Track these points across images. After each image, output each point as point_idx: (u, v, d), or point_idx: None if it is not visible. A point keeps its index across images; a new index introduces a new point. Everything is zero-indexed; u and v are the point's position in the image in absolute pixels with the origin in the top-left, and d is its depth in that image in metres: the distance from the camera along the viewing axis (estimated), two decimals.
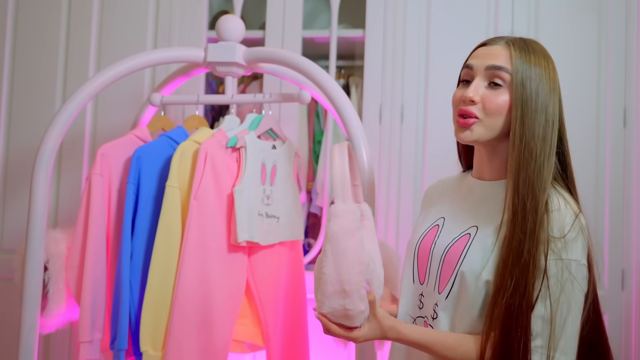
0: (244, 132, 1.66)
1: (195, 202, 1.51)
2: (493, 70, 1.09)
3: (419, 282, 1.17)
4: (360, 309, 1.02)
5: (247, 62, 1.74)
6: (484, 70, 1.10)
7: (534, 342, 1.00)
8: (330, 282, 1.02)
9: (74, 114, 1.62)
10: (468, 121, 1.09)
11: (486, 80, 1.10)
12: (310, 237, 2.46)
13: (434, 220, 1.21)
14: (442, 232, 1.16)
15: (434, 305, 1.13)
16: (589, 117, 2.04)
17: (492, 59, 1.10)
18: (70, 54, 2.27)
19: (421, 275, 1.17)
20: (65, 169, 2.24)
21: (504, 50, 1.10)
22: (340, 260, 1.02)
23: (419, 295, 1.17)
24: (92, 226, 1.57)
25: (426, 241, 1.18)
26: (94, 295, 1.57)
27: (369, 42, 2.15)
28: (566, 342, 1.00)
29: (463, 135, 1.10)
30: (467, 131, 1.10)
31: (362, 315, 1.03)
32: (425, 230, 1.21)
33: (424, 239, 1.19)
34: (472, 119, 1.09)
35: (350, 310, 1.02)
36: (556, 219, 1.04)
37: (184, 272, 1.50)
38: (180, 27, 2.22)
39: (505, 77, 1.08)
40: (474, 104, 1.09)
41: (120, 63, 1.66)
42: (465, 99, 1.09)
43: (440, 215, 1.20)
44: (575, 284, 1.01)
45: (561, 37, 2.08)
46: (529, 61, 1.08)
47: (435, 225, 1.19)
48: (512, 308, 0.99)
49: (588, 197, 2.02)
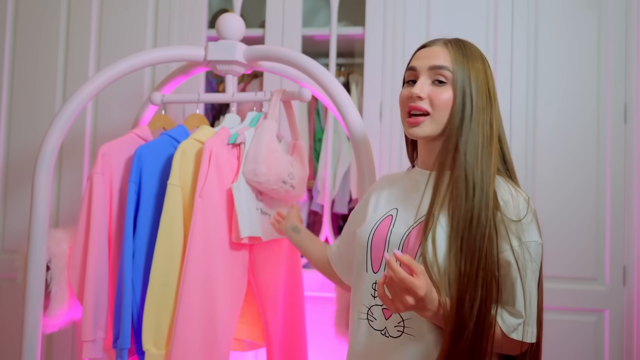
0: (245, 129, 1.66)
1: (200, 200, 1.51)
2: (435, 69, 1.17)
3: (372, 270, 1.19)
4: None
5: (247, 61, 1.74)
6: (427, 70, 1.17)
7: (515, 319, 1.09)
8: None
9: (74, 113, 1.62)
10: (418, 119, 1.16)
11: (430, 78, 1.17)
12: None
13: (386, 211, 1.23)
14: (396, 221, 1.19)
15: None
16: (589, 114, 2.04)
17: (433, 59, 1.18)
18: (70, 53, 2.27)
19: (375, 264, 1.19)
20: (66, 168, 2.24)
21: (443, 50, 1.19)
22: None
23: (373, 284, 1.18)
24: (93, 225, 1.58)
25: (380, 231, 1.20)
26: (97, 295, 1.57)
27: (369, 39, 2.15)
28: (532, 314, 1.10)
29: (414, 132, 1.17)
30: (417, 127, 1.17)
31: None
32: (377, 221, 1.22)
33: (377, 228, 1.20)
34: (422, 117, 1.16)
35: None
36: (511, 204, 1.12)
37: (190, 270, 1.50)
38: (180, 25, 2.23)
39: (447, 75, 1.16)
40: (421, 100, 1.16)
41: (120, 62, 1.66)
42: (413, 96, 1.16)
43: (392, 207, 1.23)
44: (534, 263, 1.10)
45: (561, 34, 2.08)
46: (466, 59, 1.17)
47: (389, 215, 1.22)
48: (476, 280, 1.06)
49: (589, 193, 2.02)
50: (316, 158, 2.43)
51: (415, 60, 1.21)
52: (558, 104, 2.06)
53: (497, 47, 2.10)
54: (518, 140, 2.07)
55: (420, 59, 1.20)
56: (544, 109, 2.07)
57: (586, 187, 2.03)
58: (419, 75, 1.19)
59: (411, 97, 1.17)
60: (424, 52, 1.21)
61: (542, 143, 2.06)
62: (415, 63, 1.20)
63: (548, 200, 2.02)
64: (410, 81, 1.21)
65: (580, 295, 2.00)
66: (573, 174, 2.03)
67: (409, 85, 1.21)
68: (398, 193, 1.26)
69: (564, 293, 2.00)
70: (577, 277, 2.01)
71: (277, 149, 1.62)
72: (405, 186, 1.26)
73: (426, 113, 1.16)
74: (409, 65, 1.22)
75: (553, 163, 2.05)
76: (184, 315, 1.48)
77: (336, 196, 2.40)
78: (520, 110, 2.08)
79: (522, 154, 2.06)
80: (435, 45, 1.21)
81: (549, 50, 2.08)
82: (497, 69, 2.09)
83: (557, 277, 2.00)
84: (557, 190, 2.03)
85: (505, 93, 2.08)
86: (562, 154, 2.05)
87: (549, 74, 2.07)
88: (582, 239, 2.01)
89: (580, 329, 1.99)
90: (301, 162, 1.72)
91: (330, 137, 2.25)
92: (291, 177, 1.63)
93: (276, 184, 1.59)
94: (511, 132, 2.06)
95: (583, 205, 2.02)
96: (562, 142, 2.05)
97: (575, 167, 2.04)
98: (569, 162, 2.04)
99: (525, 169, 2.05)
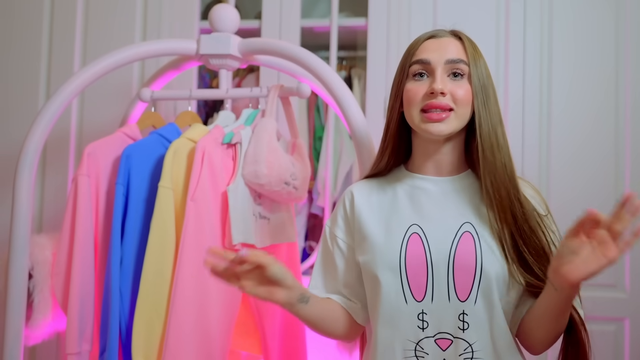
0: (240, 127, 1.66)
1: (192, 203, 1.51)
2: (452, 63, 1.18)
3: (415, 299, 1.15)
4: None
5: (242, 54, 1.74)
6: (444, 64, 1.18)
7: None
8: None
9: (58, 111, 1.62)
10: (442, 115, 1.16)
11: (445, 72, 1.18)
12: (310, 240, 2.46)
13: (404, 228, 1.19)
14: (429, 238, 1.17)
15: (460, 315, 1.14)
16: (607, 111, 2.05)
17: (448, 52, 1.18)
18: (54, 46, 2.27)
19: (417, 292, 1.15)
20: (50, 170, 2.24)
21: (456, 42, 1.20)
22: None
23: (419, 314, 1.15)
24: (79, 230, 1.58)
25: (413, 254, 1.16)
26: (82, 304, 1.57)
27: (371, 31, 2.16)
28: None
29: (439, 129, 1.16)
30: (442, 124, 1.16)
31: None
32: (399, 243, 1.17)
33: (407, 252, 1.16)
34: (446, 112, 1.16)
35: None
36: (535, 198, 1.21)
37: (182, 278, 1.49)
38: (170, 17, 2.23)
39: (464, 69, 1.18)
40: (444, 96, 1.16)
41: (107, 57, 1.66)
42: (436, 92, 1.15)
43: (410, 222, 1.19)
44: None
45: (577, 26, 2.08)
46: (477, 52, 1.21)
47: (413, 233, 1.18)
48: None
49: (608, 194, 2.02)
50: (316, 157, 2.43)
51: (425, 52, 1.19)
52: (574, 101, 2.07)
53: (508, 38, 2.11)
54: (531, 136, 2.07)
55: (432, 51, 1.19)
56: (559, 106, 2.07)
57: (604, 188, 2.03)
58: (434, 69, 1.18)
59: (432, 92, 1.15)
60: (434, 44, 1.20)
61: (557, 141, 2.07)
62: (428, 56, 1.19)
63: (563, 202, 2.02)
64: (418, 74, 1.19)
65: (599, 302, 2.00)
66: (590, 174, 2.04)
67: (418, 79, 1.19)
68: (398, 205, 1.23)
69: (582, 301, 1.98)
70: (594, 283, 1.98)
71: (278, 148, 1.62)
72: (413, 197, 1.23)
73: (450, 109, 1.16)
74: (417, 57, 1.20)
75: (568, 163, 2.05)
76: (176, 325, 1.48)
77: (337, 198, 2.41)
78: (533, 106, 2.08)
79: (535, 152, 2.06)
80: (446, 36, 1.22)
81: (564, 44, 2.09)
82: (509, 62, 2.09)
83: None
84: (572, 192, 2.04)
85: (518, 89, 2.08)
86: (578, 154, 2.05)
87: (563, 69, 2.08)
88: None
89: (599, 338, 1.95)
90: (302, 161, 1.73)
91: (331, 135, 2.26)
92: (294, 177, 1.64)
93: (278, 186, 1.60)
94: (524, 129, 2.07)
95: (601, 207, 2.00)
96: (578, 140, 2.06)
97: (592, 168, 2.04)
98: (586, 162, 2.05)
99: (539, 170, 2.06)
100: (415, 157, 1.27)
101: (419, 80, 1.19)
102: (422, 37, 1.23)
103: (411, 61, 1.21)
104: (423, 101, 1.17)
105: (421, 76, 1.19)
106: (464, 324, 1.13)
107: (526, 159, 2.07)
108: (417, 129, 1.20)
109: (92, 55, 2.25)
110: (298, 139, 1.77)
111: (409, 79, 1.21)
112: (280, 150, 1.63)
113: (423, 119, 1.17)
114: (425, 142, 1.23)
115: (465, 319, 1.13)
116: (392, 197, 1.26)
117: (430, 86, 1.16)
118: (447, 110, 1.16)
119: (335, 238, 1.29)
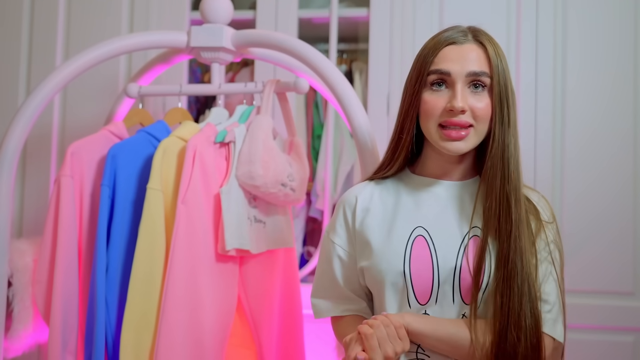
0: (234, 125, 1.66)
1: (183, 207, 1.51)
2: (475, 76, 1.17)
3: (418, 302, 1.17)
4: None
5: (236, 47, 1.74)
6: (465, 77, 1.17)
7: (549, 314, 1.16)
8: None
9: (39, 108, 1.62)
10: (461, 133, 1.17)
11: (466, 84, 1.18)
12: (309, 245, 2.47)
13: (409, 230, 1.21)
14: (435, 242, 1.18)
15: (462, 315, 1.17)
16: (625, 116, 2.03)
17: (470, 63, 1.18)
18: (34, 39, 2.27)
19: (421, 296, 1.17)
20: (31, 170, 2.23)
21: (478, 50, 1.19)
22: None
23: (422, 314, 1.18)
24: (62, 235, 1.57)
25: (418, 258, 1.18)
26: (65, 314, 1.56)
27: (374, 22, 2.15)
28: (562, 311, 1.20)
29: (457, 148, 1.18)
30: (461, 142, 1.18)
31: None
32: (404, 244, 1.19)
33: (412, 256, 1.18)
34: (465, 130, 1.17)
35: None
36: (540, 204, 1.23)
37: (172, 286, 1.50)
38: (159, 7, 2.23)
39: (486, 82, 1.18)
40: (464, 114, 1.17)
41: (91, 50, 1.66)
42: (456, 110, 1.16)
43: (415, 225, 1.21)
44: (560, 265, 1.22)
45: (592, 23, 2.06)
46: (500, 58, 1.20)
47: (419, 236, 1.19)
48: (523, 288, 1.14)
49: (626, 203, 2.01)
50: (315, 157, 2.43)
51: (445, 62, 1.18)
52: (590, 104, 2.06)
53: (520, 29, 2.10)
54: (544, 142, 2.06)
55: (453, 61, 1.18)
56: (573, 109, 2.06)
57: (623, 196, 2.02)
58: (454, 81, 1.17)
59: (452, 110, 1.16)
60: (454, 52, 1.19)
61: (572, 147, 2.05)
62: (448, 67, 1.17)
63: (580, 210, 2.02)
64: (436, 84, 1.19)
65: (617, 312, 1.99)
66: (608, 181, 2.03)
67: (436, 89, 1.19)
68: (403, 208, 1.24)
69: (598, 310, 1.99)
70: (612, 291, 2.01)
71: (274, 147, 1.61)
72: (420, 200, 1.24)
73: (470, 125, 1.17)
74: (437, 67, 1.19)
75: (585, 169, 2.04)
76: (166, 336, 1.48)
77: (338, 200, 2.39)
78: (546, 111, 2.07)
79: (549, 159, 2.06)
80: (467, 42, 1.20)
81: (579, 38, 2.07)
82: (520, 62, 2.08)
83: (591, 291, 2.00)
84: (587, 189, 2.03)
85: (530, 91, 2.07)
86: (592, 152, 2.04)
87: (579, 70, 2.07)
88: (619, 251, 2.00)
89: (617, 350, 1.98)
90: (300, 161, 1.73)
91: (331, 133, 2.25)
92: (291, 178, 1.63)
93: (274, 187, 1.59)
94: (536, 134, 2.06)
95: (620, 215, 2.02)
96: (593, 137, 2.05)
97: (610, 174, 2.03)
98: (603, 168, 2.04)
99: (553, 167, 2.05)
100: (426, 162, 1.28)
101: (437, 90, 1.19)
102: (442, 41, 1.21)
103: (429, 70, 1.19)
104: (442, 117, 1.18)
105: (439, 85, 1.19)
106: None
107: (538, 157, 2.06)
108: (434, 144, 1.21)
109: (76, 48, 2.24)
110: (295, 137, 1.77)
111: (426, 88, 1.20)
112: (276, 149, 1.62)
113: (442, 136, 1.18)
114: (440, 154, 1.24)
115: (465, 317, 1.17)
116: (396, 200, 1.27)
117: (450, 102, 1.16)
118: (467, 127, 1.17)
119: (334, 246, 1.29)
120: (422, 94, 1.20)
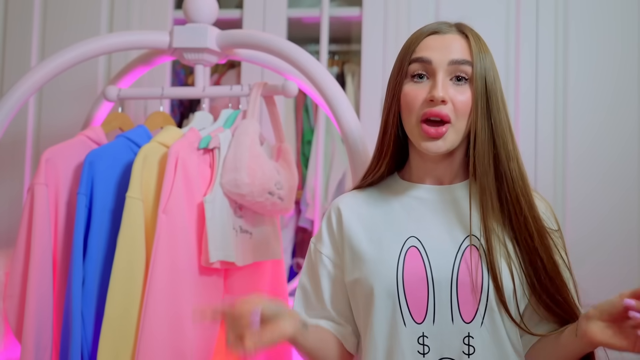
0: (219, 130, 1.66)
1: (164, 216, 1.51)
2: (456, 64, 1.17)
3: (414, 321, 1.15)
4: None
5: (221, 48, 1.75)
6: (447, 66, 1.17)
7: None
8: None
9: (12, 111, 1.62)
10: (440, 130, 1.15)
11: (448, 75, 1.17)
12: (298, 257, 2.46)
13: (401, 242, 1.19)
14: (429, 252, 1.17)
15: (465, 339, 1.14)
16: (631, 116, 2.05)
17: (452, 51, 1.17)
18: (8, 39, 2.27)
19: (417, 313, 1.15)
20: (3, 178, 2.23)
21: (461, 40, 1.19)
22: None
23: (419, 338, 1.14)
24: (35, 247, 1.57)
25: (412, 270, 1.15)
26: (39, 330, 1.56)
27: (367, 22, 2.16)
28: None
29: (436, 147, 1.16)
30: (440, 141, 1.16)
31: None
32: (395, 258, 1.17)
33: (405, 268, 1.16)
34: (445, 126, 1.15)
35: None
36: (546, 213, 1.24)
37: (153, 300, 1.49)
38: (140, 6, 2.23)
39: (468, 72, 1.17)
40: (445, 104, 1.15)
41: (68, 50, 1.66)
42: (436, 99, 1.14)
43: (407, 235, 1.19)
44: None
45: (595, 19, 2.08)
46: (484, 49, 1.19)
47: (411, 247, 1.18)
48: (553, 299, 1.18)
49: (630, 202, 2.02)
50: (305, 164, 2.44)
51: (427, 50, 1.18)
52: (592, 107, 2.07)
53: (519, 29, 2.11)
54: (545, 146, 2.08)
55: (434, 49, 1.18)
56: (574, 113, 2.08)
57: (629, 201, 2.03)
58: (435, 70, 1.17)
59: (432, 100, 1.15)
60: (437, 41, 1.19)
61: (573, 140, 2.07)
62: (430, 54, 1.17)
63: (584, 217, 2.03)
64: (417, 75, 1.19)
65: None
66: (613, 186, 2.05)
67: (417, 81, 1.19)
68: (393, 217, 1.24)
69: None
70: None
71: (261, 154, 1.61)
72: (410, 208, 1.24)
73: (448, 120, 1.15)
74: (418, 54, 1.19)
75: (588, 174, 2.06)
76: (146, 353, 1.48)
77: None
78: (547, 110, 2.09)
79: (550, 164, 2.07)
80: (450, 32, 1.20)
81: (581, 35, 2.09)
82: (520, 60, 2.09)
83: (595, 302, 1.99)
84: (590, 193, 2.05)
85: (530, 91, 2.09)
86: (595, 154, 2.06)
87: (580, 63, 2.09)
88: (624, 260, 2.02)
89: (624, 358, 1.98)
90: (288, 168, 1.73)
91: (322, 139, 2.26)
92: (279, 186, 1.63)
93: (261, 196, 1.59)
94: (537, 139, 2.07)
95: (625, 221, 2.04)
96: (596, 139, 2.07)
97: (611, 168, 2.05)
98: (607, 172, 2.05)
99: (554, 172, 2.07)
100: (411, 166, 1.27)
101: (419, 82, 1.18)
102: (424, 31, 1.22)
103: (410, 58, 1.20)
104: (422, 108, 1.16)
105: (420, 78, 1.18)
106: (470, 348, 1.13)
107: (539, 162, 2.07)
108: (416, 144, 1.20)
109: (52, 48, 2.24)
110: (284, 143, 1.77)
111: (407, 80, 1.20)
112: (263, 156, 1.63)
113: (421, 133, 1.17)
114: (424, 155, 1.23)
115: (470, 343, 1.13)
116: (385, 210, 1.25)
117: (431, 92, 1.15)
118: (446, 122, 1.16)
119: (321, 256, 1.28)
120: (403, 85, 1.20)
